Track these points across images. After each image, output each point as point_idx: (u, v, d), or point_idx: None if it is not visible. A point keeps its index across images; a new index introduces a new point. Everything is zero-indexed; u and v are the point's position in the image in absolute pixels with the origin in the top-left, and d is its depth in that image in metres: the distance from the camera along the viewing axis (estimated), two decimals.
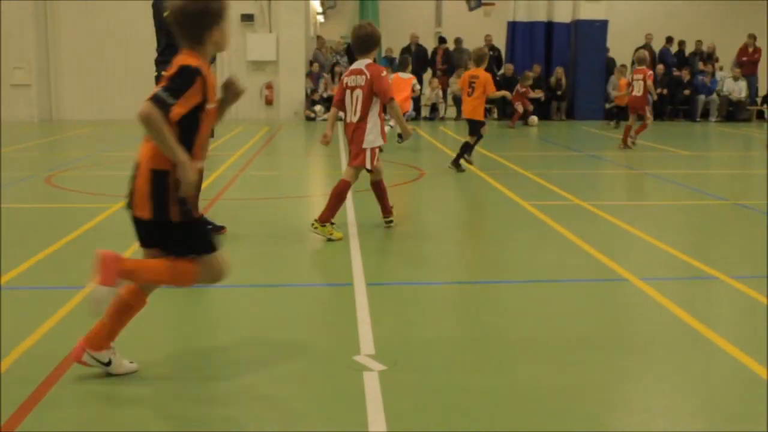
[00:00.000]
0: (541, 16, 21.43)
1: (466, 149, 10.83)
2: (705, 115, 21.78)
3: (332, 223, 6.71)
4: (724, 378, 3.83)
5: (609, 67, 21.79)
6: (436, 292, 5.36)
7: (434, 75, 21.53)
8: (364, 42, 6.74)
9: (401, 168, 11.44)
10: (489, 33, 22.41)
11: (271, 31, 20.63)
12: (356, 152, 6.69)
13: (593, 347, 4.23)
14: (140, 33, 20.03)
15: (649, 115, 14.11)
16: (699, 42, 23.24)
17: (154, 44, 6.75)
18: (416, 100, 19.14)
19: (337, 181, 6.83)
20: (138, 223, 3.57)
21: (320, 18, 27.17)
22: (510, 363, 4.00)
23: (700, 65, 22.45)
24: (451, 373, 3.84)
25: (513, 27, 21.53)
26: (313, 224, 6.66)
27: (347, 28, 24.32)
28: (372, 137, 6.67)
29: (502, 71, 21.60)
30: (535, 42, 21.49)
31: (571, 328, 4.54)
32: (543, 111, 20.87)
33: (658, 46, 22.85)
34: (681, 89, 21.83)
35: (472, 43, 22.24)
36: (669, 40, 23.11)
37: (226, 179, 9.98)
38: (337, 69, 20.99)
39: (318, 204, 8.81)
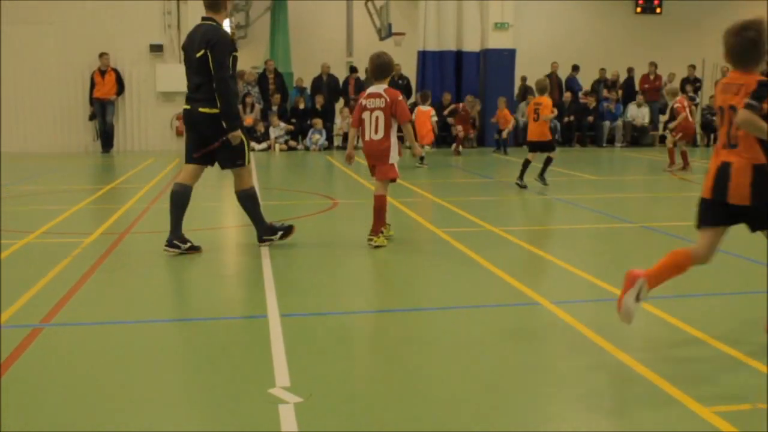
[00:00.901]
0: (450, 46, 21.76)
1: (548, 163, 12.26)
2: (611, 140, 22.39)
3: (382, 232, 7.67)
4: (637, 397, 3.91)
5: (524, 94, 22.26)
6: (352, 322, 5.34)
7: (347, 105, 21.60)
8: (382, 69, 7.74)
9: (314, 198, 11.43)
10: (399, 62, 22.62)
11: (181, 61, 20.39)
12: (386, 168, 7.65)
13: (507, 371, 4.27)
14: (53, 64, 19.66)
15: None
16: (603, 70, 23.97)
17: (67, 76, 6.74)
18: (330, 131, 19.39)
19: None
20: (721, 207, 4.56)
21: None
22: (426, 391, 4.00)
23: (605, 92, 23.14)
24: (367, 404, 3.82)
25: (423, 56, 21.79)
26: (369, 240, 7.56)
27: (258, 59, 24.26)
28: (395, 153, 7.64)
29: (412, 100, 21.82)
30: (446, 71, 21.79)
31: (485, 353, 4.58)
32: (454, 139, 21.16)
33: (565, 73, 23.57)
34: (587, 116, 22.44)
35: None
36: (575, 68, 23.78)
37: (136, 212, 9.80)
38: (248, 99, 20.86)
39: (231, 234, 8.73)
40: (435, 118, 16.49)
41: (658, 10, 29.71)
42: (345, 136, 20.99)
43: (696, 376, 4.15)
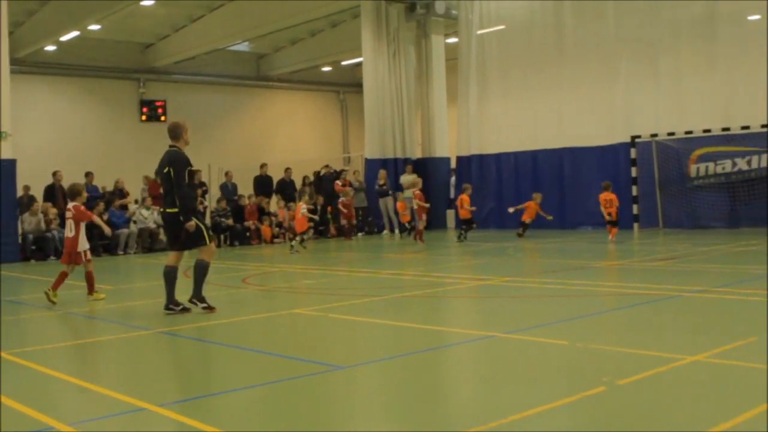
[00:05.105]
0: None
1: (468, 230, 20.27)
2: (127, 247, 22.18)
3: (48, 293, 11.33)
4: None
5: (30, 204, 21.18)
6: None
7: None
8: (71, 192, 11.91)
9: None
10: None
11: None
12: (74, 255, 11.62)
13: None
14: None
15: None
16: (119, 180, 24.05)
17: None
18: None
19: None
20: None
21: None
22: None
23: (117, 201, 23.03)
24: None
25: None
26: (47, 292, 11.36)
27: None
28: (82, 244, 11.71)
29: None
30: None
31: None
32: None
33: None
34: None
35: None
36: (88, 174, 23.27)
37: None
38: None
39: None
40: (304, 210, 20.02)
41: (163, 118, 30.71)
42: None
43: None
